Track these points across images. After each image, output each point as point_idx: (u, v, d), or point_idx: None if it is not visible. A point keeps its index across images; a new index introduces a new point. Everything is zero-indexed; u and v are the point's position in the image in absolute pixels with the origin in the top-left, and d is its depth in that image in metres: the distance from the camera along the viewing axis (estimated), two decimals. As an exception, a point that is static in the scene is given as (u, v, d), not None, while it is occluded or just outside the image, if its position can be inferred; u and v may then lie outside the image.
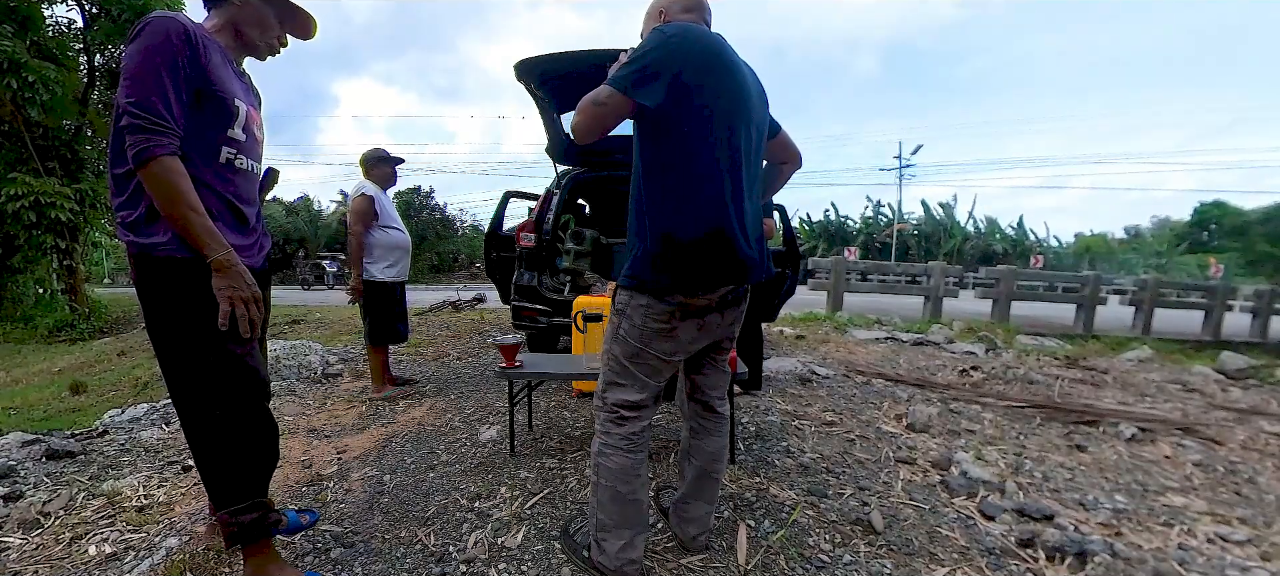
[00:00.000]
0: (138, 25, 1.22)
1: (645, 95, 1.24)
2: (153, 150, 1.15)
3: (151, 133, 1.15)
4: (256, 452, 1.39)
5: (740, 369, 2.17)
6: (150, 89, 1.17)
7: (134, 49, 1.19)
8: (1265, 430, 3.14)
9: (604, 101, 1.24)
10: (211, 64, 1.28)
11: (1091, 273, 10.46)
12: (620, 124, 1.29)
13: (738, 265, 1.33)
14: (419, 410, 2.99)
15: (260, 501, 1.39)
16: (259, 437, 1.39)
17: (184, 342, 1.27)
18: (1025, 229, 28.19)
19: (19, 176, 8.19)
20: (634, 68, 1.25)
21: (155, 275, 1.25)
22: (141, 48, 1.19)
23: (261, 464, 1.41)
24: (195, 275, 1.24)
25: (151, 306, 1.28)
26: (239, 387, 1.33)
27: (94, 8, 9.08)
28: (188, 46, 1.22)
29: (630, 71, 1.25)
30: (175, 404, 1.36)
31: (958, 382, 3.92)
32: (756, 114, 1.40)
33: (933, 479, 2.20)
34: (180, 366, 1.30)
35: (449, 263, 22.80)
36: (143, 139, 1.15)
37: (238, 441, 1.35)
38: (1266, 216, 29.98)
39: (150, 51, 1.18)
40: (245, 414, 1.35)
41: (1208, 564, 1.71)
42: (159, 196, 1.18)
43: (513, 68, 3.24)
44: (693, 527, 1.61)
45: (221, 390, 1.31)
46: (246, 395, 1.35)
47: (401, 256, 3.26)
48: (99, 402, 3.71)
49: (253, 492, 1.37)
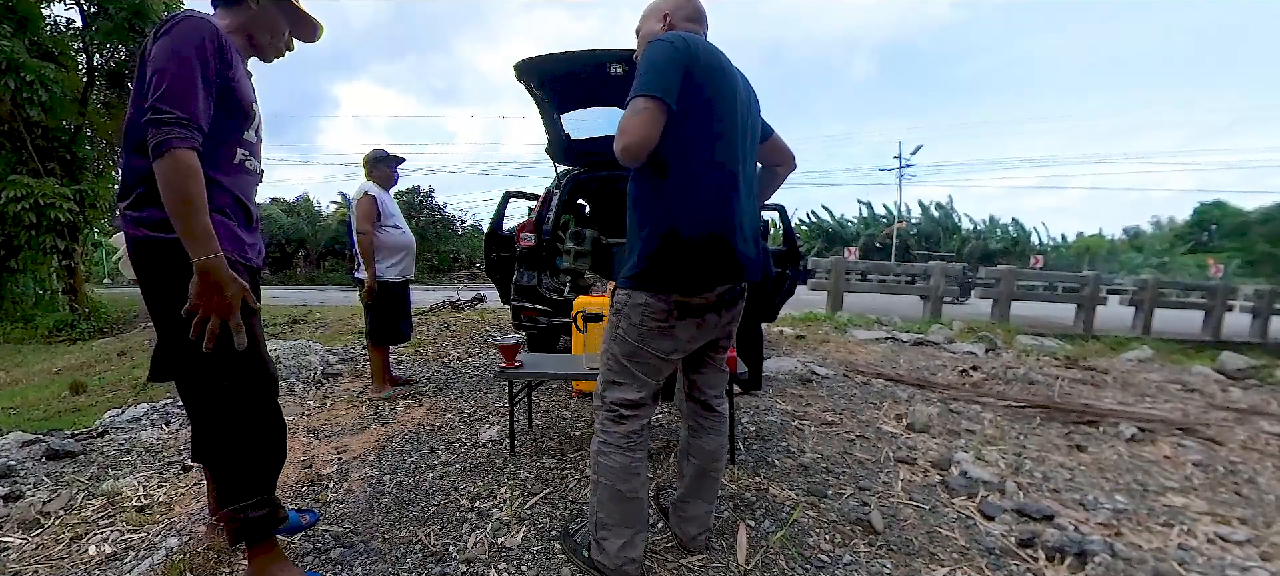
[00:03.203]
0: (168, 21, 1.22)
1: (672, 98, 1.25)
2: (171, 143, 1.14)
3: (176, 126, 1.15)
4: (268, 448, 1.40)
5: (740, 369, 2.17)
6: (181, 87, 1.17)
7: (166, 47, 1.19)
8: (1265, 430, 3.14)
9: (643, 110, 1.24)
10: (235, 67, 1.29)
11: (1091, 272, 10.46)
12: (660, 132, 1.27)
13: (735, 264, 1.34)
14: (419, 410, 2.99)
15: (269, 498, 1.39)
16: (271, 434, 1.39)
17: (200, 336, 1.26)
18: (1024, 228, 28.23)
19: (19, 177, 8.19)
20: (658, 73, 1.26)
21: (179, 267, 1.22)
22: (173, 44, 1.19)
23: (271, 460, 1.41)
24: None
25: (155, 290, 1.27)
26: (254, 383, 1.34)
27: (92, 7, 9.08)
28: (218, 48, 1.24)
29: (657, 77, 1.25)
30: (188, 399, 1.36)
31: (958, 383, 3.92)
32: (750, 117, 1.44)
33: (933, 479, 2.20)
34: (199, 360, 1.27)
35: (449, 262, 22.82)
36: (165, 132, 1.14)
37: (252, 437, 1.35)
38: (1266, 216, 30.00)
39: (183, 50, 1.19)
40: (259, 409, 1.36)
41: (1208, 564, 1.71)
42: (167, 187, 1.16)
43: (513, 68, 3.24)
44: (692, 527, 1.61)
45: (238, 385, 1.31)
46: (261, 390, 1.36)
47: (404, 256, 3.26)
48: (99, 402, 3.71)
49: (262, 489, 1.38)
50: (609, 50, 3.03)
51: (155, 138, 1.14)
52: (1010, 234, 27.70)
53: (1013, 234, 27.73)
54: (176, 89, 1.16)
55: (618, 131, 1.25)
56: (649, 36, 1.43)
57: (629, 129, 1.23)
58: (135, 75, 1.26)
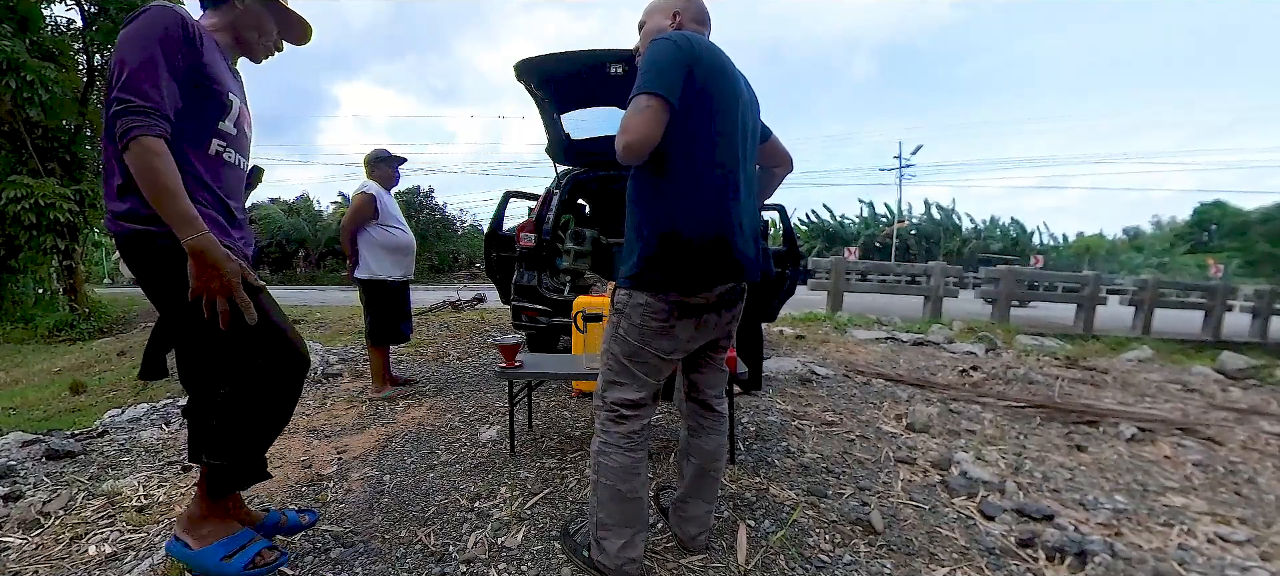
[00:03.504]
0: (134, 13, 1.22)
1: (675, 97, 1.25)
2: (134, 132, 1.14)
3: (138, 114, 1.15)
4: (273, 428, 1.42)
5: (740, 369, 2.17)
6: (141, 74, 1.16)
7: (127, 34, 1.19)
8: (1265, 430, 3.14)
9: (645, 109, 1.23)
10: (206, 55, 1.28)
11: (1091, 273, 10.46)
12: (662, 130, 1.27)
13: (735, 264, 1.35)
14: (419, 410, 2.99)
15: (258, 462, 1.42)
16: (281, 414, 1.41)
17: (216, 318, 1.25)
18: (1025, 229, 28.22)
19: (19, 177, 8.19)
20: (662, 72, 1.25)
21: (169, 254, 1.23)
22: (134, 33, 1.19)
23: (271, 437, 1.44)
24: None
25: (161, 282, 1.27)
26: (282, 358, 1.35)
27: (93, 7, 9.08)
28: (183, 35, 1.22)
29: (660, 76, 1.25)
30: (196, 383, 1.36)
31: (958, 382, 3.92)
32: (751, 118, 1.44)
33: (933, 479, 2.20)
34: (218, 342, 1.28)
35: (449, 262, 22.81)
36: (129, 121, 1.14)
37: (264, 414, 1.36)
38: (1266, 216, 30.01)
39: (143, 37, 1.18)
40: (285, 385, 1.37)
41: (1208, 564, 1.71)
42: (140, 176, 1.16)
43: (513, 68, 3.24)
44: (692, 527, 1.61)
45: (267, 360, 1.32)
46: (291, 366, 1.37)
47: (404, 256, 3.26)
48: (99, 402, 3.71)
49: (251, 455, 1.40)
50: (609, 50, 3.03)
51: (120, 127, 1.14)
52: (1010, 234, 27.71)
53: (1013, 234, 27.74)
54: (137, 76, 1.16)
55: (620, 129, 1.25)
56: (654, 32, 1.42)
57: (631, 127, 1.23)
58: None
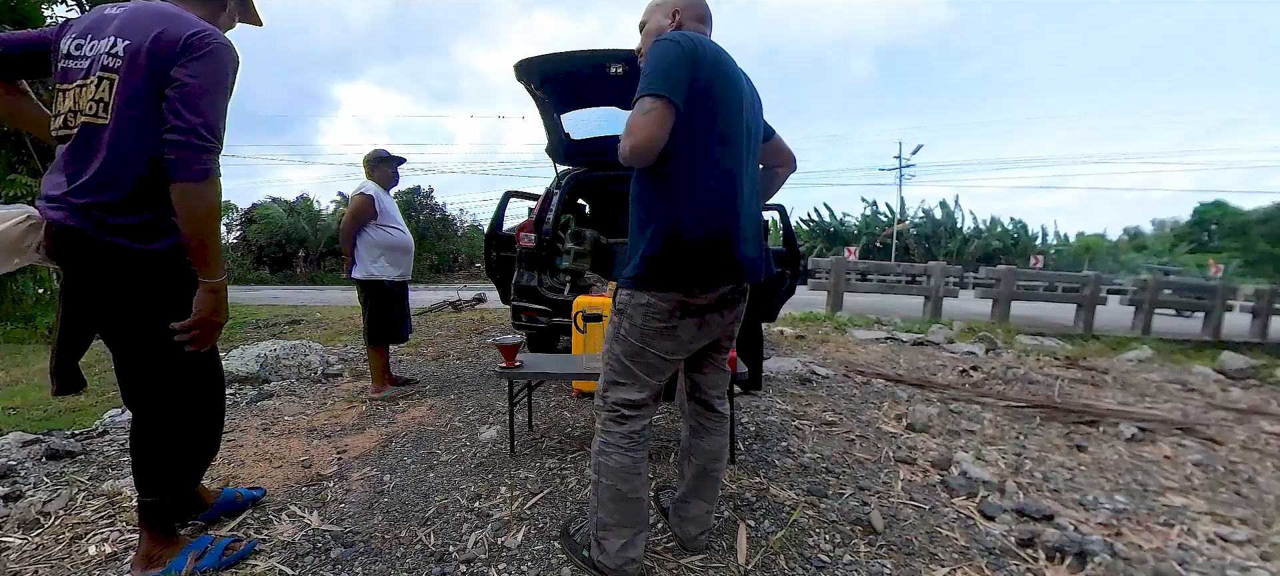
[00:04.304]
0: (204, 40, 1.23)
1: (680, 98, 1.24)
2: (213, 171, 1.23)
3: (215, 155, 1.24)
4: (206, 451, 1.56)
5: (740, 369, 2.17)
6: (219, 115, 1.25)
7: (206, 69, 1.23)
8: (1265, 430, 3.14)
9: (651, 111, 1.22)
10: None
11: (1091, 273, 10.46)
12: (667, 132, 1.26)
13: (738, 265, 1.34)
14: (419, 410, 2.99)
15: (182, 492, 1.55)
16: (213, 438, 1.56)
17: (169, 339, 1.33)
18: (1026, 229, 28.21)
19: (19, 177, 8.19)
20: (666, 73, 1.24)
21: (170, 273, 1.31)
22: (213, 70, 1.24)
23: (204, 462, 1.59)
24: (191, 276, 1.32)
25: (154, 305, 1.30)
26: (218, 385, 1.51)
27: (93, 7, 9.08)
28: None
29: (665, 77, 1.24)
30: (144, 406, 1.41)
31: (958, 382, 3.92)
32: (754, 119, 1.44)
33: (933, 479, 2.20)
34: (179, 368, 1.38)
35: (449, 263, 22.77)
36: (211, 160, 1.23)
37: (197, 440, 1.50)
38: (1266, 216, 30.05)
39: (223, 74, 1.26)
40: (217, 411, 1.53)
41: (1208, 564, 1.71)
42: (202, 211, 1.23)
43: (513, 68, 3.24)
44: (693, 527, 1.61)
45: (212, 387, 1.49)
46: (219, 393, 1.53)
47: (402, 256, 3.26)
48: (99, 402, 3.70)
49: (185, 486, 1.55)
50: (609, 50, 3.03)
51: (203, 162, 1.21)
52: (1010, 234, 27.70)
53: (1014, 234, 27.73)
54: (218, 117, 1.25)
55: (625, 131, 1.24)
56: (656, 31, 1.42)
57: (637, 129, 1.22)
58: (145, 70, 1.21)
